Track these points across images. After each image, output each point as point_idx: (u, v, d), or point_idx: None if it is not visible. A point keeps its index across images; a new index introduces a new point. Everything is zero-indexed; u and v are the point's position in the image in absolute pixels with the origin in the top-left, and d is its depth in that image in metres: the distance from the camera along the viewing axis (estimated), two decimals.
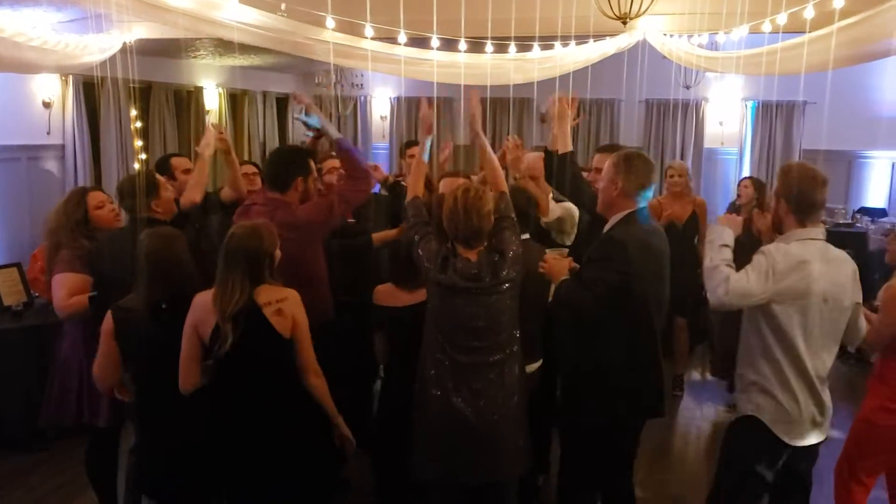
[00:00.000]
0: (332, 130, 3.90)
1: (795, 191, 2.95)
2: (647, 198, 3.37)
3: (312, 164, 3.93)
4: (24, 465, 4.74)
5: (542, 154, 4.67)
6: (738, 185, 6.25)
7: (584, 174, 5.34)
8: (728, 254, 3.04)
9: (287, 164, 3.78)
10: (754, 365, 3.01)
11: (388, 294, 3.59)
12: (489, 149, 3.57)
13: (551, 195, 4.42)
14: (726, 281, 2.89)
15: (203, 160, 4.23)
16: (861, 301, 3.14)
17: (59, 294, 3.77)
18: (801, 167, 3.06)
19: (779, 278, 2.86)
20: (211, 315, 2.97)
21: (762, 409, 2.97)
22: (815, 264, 2.88)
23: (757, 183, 6.08)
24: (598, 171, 3.97)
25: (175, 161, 4.75)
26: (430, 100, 3.68)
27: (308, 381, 3.09)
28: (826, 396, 3.03)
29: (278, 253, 3.11)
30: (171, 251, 3.17)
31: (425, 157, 3.60)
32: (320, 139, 4.08)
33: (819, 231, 3.01)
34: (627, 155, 3.39)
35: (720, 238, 3.10)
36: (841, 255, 3.05)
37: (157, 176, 4.02)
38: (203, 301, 3.03)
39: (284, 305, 3.02)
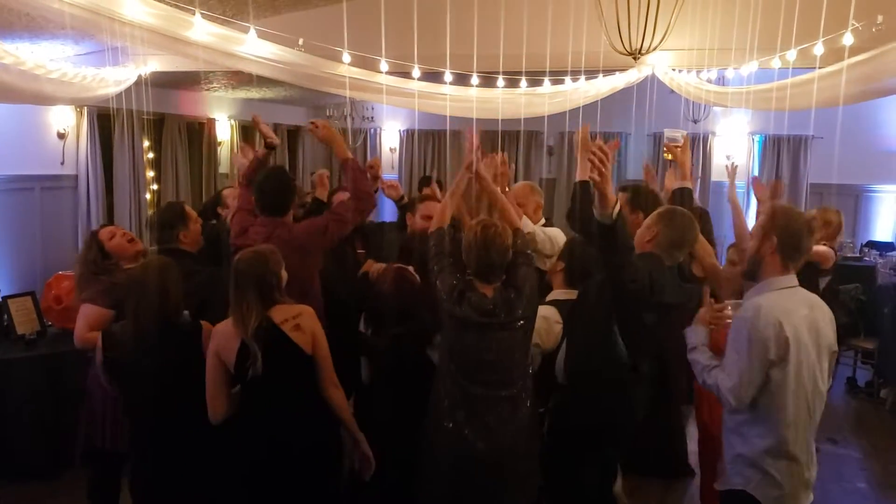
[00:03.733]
0: (342, 151, 4.03)
1: (791, 231, 2.73)
2: (679, 259, 3.37)
3: (295, 184, 4.25)
4: (38, 493, 4.72)
5: (528, 183, 4.91)
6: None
7: None
8: (704, 356, 2.88)
9: (282, 192, 3.97)
10: (742, 434, 2.78)
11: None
12: (494, 187, 3.60)
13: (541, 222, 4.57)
14: (720, 390, 2.72)
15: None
16: (837, 349, 2.89)
17: (80, 324, 3.84)
18: (796, 210, 2.89)
19: (769, 344, 2.62)
20: (233, 339, 3.02)
21: (751, 483, 2.74)
22: (797, 314, 2.66)
23: (701, 212, 5.42)
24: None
25: (226, 192, 5.10)
26: (472, 134, 3.59)
27: (328, 392, 3.13)
28: (812, 449, 2.82)
29: (284, 274, 3.18)
30: (155, 279, 3.17)
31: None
32: (272, 151, 4.28)
33: (794, 278, 2.77)
34: (675, 211, 3.38)
35: (692, 339, 2.97)
36: (817, 299, 2.84)
37: (188, 209, 4.13)
38: (223, 329, 3.09)
39: (301, 321, 3.08)
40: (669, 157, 4.01)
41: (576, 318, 3.42)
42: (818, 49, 4.14)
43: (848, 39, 3.92)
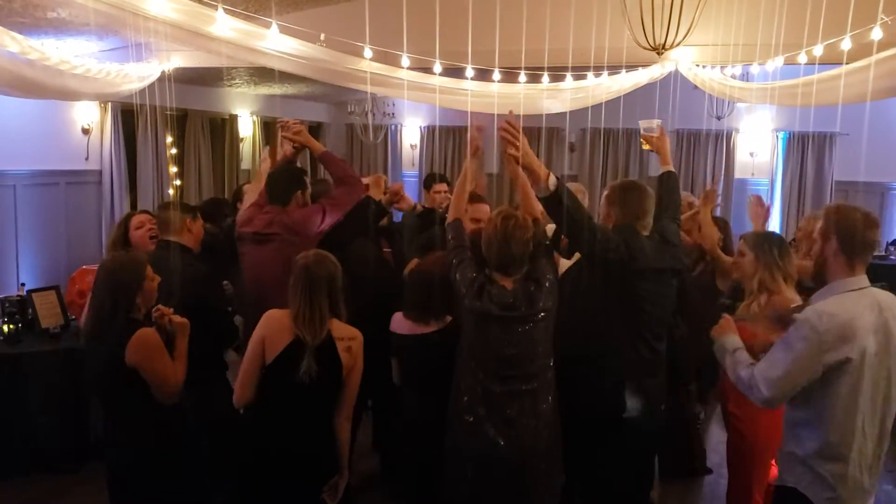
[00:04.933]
0: (315, 146, 4.23)
1: (848, 227, 2.60)
2: (649, 226, 3.38)
3: (306, 179, 4.30)
4: (60, 485, 4.76)
5: (578, 185, 4.87)
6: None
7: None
8: (745, 356, 2.79)
9: (286, 182, 4.07)
10: (796, 433, 2.71)
11: (399, 322, 3.59)
12: (522, 174, 3.57)
13: None
14: (753, 378, 2.64)
15: (260, 173, 4.66)
16: None
17: (85, 311, 3.87)
18: (850, 205, 2.74)
19: (826, 348, 2.51)
20: (286, 334, 3.01)
21: (802, 482, 2.67)
22: (863, 319, 2.54)
23: (721, 223, 5.03)
24: None
25: (246, 187, 5.10)
26: (478, 125, 3.64)
27: (339, 421, 3.13)
28: (879, 460, 2.70)
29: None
30: (112, 275, 3.10)
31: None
32: (300, 151, 4.36)
33: (864, 279, 2.65)
34: (621, 186, 3.44)
35: (730, 345, 2.88)
36: (889, 298, 2.68)
37: (193, 207, 4.18)
38: (278, 318, 3.07)
39: (353, 345, 3.07)
40: (647, 147, 4.00)
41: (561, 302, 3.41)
42: (845, 44, 4.08)
43: (876, 34, 3.85)
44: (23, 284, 5.87)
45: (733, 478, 3.80)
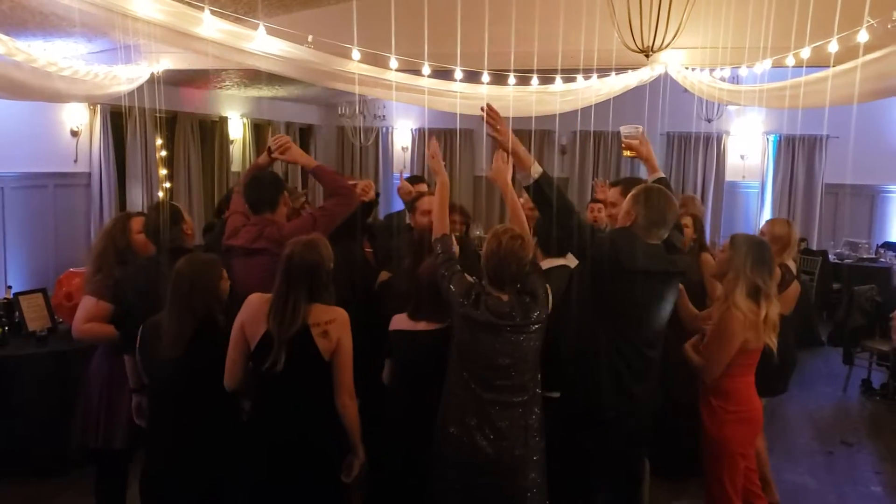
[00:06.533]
0: (306, 161, 4.16)
1: None
2: (662, 236, 3.36)
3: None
4: (47, 489, 4.73)
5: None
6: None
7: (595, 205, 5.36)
8: None
9: (270, 187, 3.96)
10: None
11: (403, 321, 3.54)
12: (511, 192, 3.56)
13: None
14: None
15: None
16: None
17: (78, 316, 3.85)
18: None
19: None
20: (261, 322, 3.01)
21: None
22: None
23: (694, 219, 4.85)
24: (613, 205, 3.94)
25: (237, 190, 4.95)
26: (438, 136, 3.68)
27: (341, 400, 3.09)
28: None
29: (331, 265, 3.15)
30: (203, 275, 3.17)
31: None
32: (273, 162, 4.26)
33: None
34: (655, 189, 3.39)
35: None
36: None
37: (180, 206, 4.13)
38: (257, 305, 3.06)
39: (331, 327, 3.04)
40: (628, 154, 3.94)
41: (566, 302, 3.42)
42: (832, 47, 4.09)
43: (863, 37, 3.87)
44: (9, 287, 5.84)
45: (710, 481, 3.79)
